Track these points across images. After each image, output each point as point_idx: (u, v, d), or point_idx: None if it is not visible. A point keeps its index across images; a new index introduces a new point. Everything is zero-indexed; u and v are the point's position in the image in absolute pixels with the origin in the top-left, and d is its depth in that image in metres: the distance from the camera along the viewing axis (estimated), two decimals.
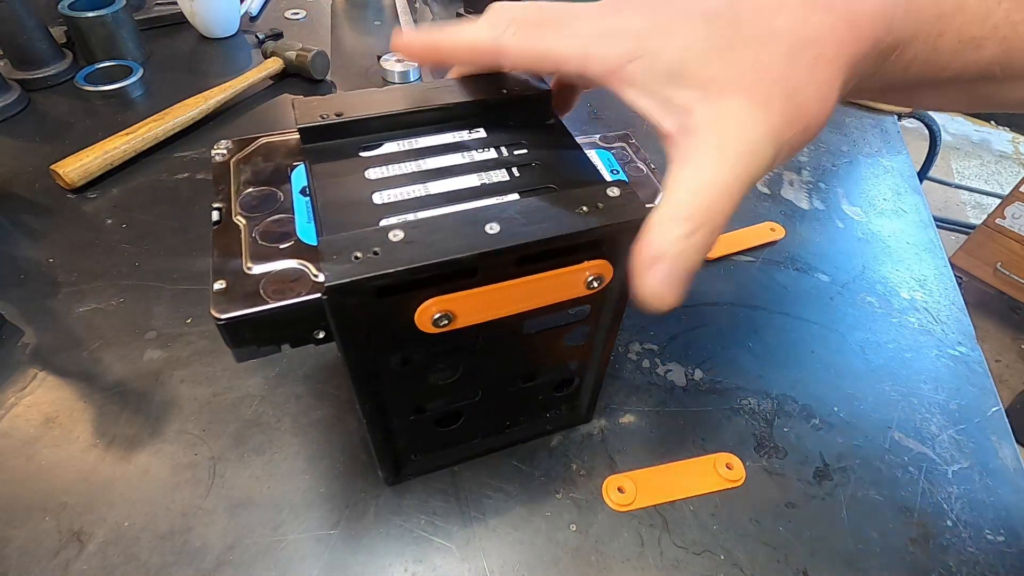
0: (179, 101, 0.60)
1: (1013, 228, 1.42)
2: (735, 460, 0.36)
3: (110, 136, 0.55)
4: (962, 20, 0.23)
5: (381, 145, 0.30)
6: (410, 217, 0.26)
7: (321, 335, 0.26)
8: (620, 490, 0.35)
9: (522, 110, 0.32)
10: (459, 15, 0.83)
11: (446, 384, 0.30)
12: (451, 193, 0.28)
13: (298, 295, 0.24)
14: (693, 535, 0.33)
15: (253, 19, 0.83)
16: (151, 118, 0.57)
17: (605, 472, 0.36)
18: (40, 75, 0.65)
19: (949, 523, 0.35)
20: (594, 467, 0.36)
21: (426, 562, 0.32)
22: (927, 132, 0.98)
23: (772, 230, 0.52)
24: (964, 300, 0.48)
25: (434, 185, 0.28)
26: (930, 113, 0.76)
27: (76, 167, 0.52)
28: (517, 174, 0.29)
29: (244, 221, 0.28)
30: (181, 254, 0.47)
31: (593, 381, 0.35)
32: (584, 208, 0.24)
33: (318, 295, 0.24)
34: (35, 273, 0.45)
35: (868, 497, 0.35)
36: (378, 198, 0.27)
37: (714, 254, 0.50)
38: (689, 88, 0.22)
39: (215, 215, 0.28)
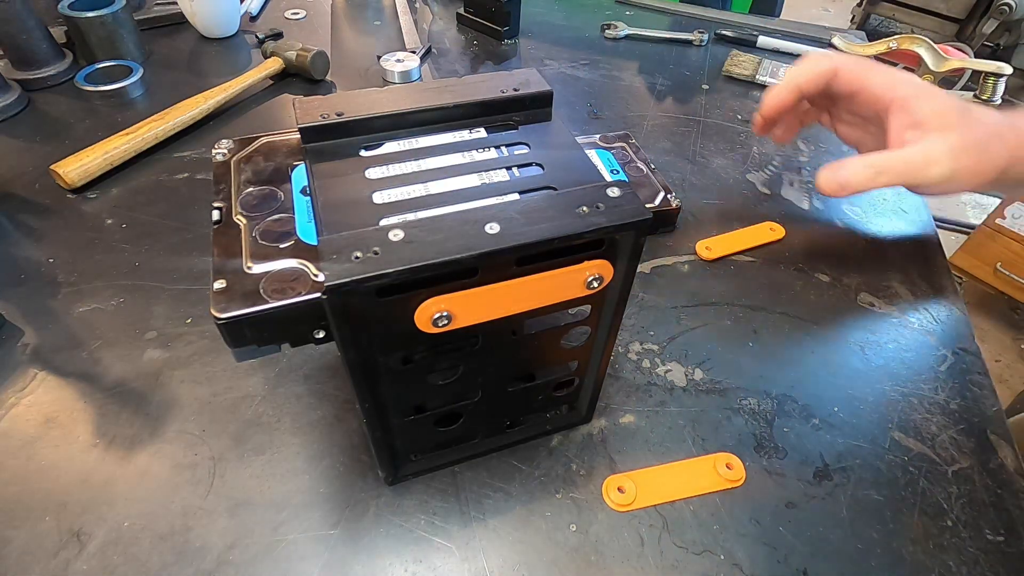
0: (179, 101, 0.60)
1: (1013, 228, 1.42)
2: (735, 460, 0.36)
3: (110, 136, 0.55)
4: None
5: (381, 145, 0.30)
6: (410, 217, 0.26)
7: (321, 335, 0.26)
8: (620, 490, 0.35)
9: (522, 110, 0.32)
10: (459, 15, 0.83)
11: (446, 384, 0.30)
12: (451, 193, 0.28)
13: (298, 295, 0.24)
14: (693, 535, 0.33)
15: (253, 19, 0.83)
16: (151, 118, 0.57)
17: (605, 472, 0.36)
18: (40, 75, 0.65)
19: (949, 523, 0.35)
20: (594, 467, 0.36)
21: (426, 562, 0.32)
22: None
23: (772, 230, 0.52)
24: (964, 300, 0.48)
25: (434, 185, 0.28)
26: None
27: (76, 167, 0.52)
28: (517, 174, 0.29)
29: (244, 220, 0.28)
30: (181, 254, 0.47)
31: (593, 381, 0.35)
32: (584, 208, 0.24)
33: (318, 295, 0.24)
34: (35, 273, 0.45)
35: (868, 497, 0.35)
36: (378, 198, 0.27)
37: (714, 254, 0.50)
38: (932, 122, 0.39)
39: (216, 214, 0.28)
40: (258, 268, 0.25)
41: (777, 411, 0.40)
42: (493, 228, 0.23)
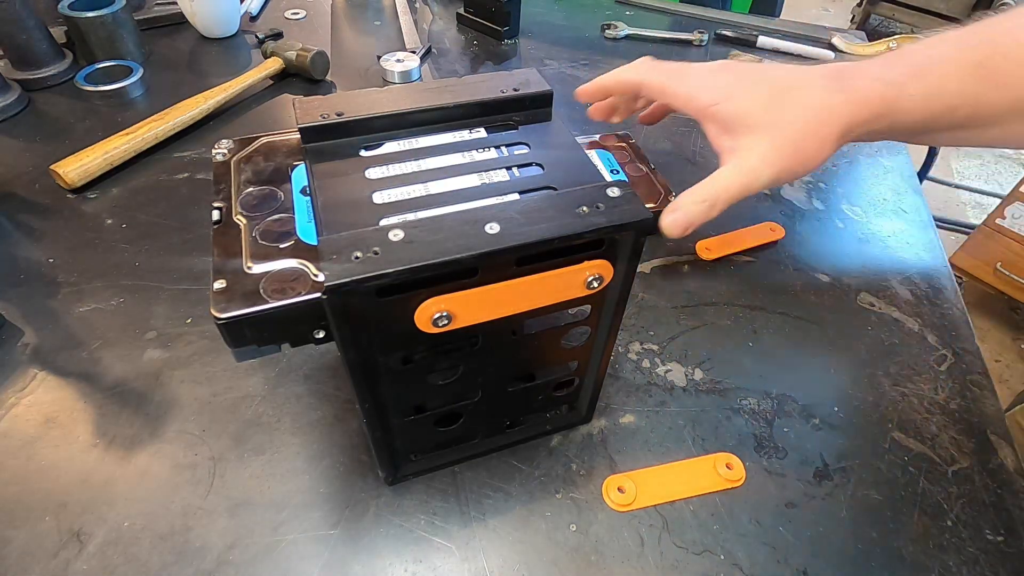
0: (179, 101, 0.60)
1: (1013, 228, 1.42)
2: (735, 460, 0.36)
3: (110, 136, 0.55)
4: (943, 101, 0.34)
5: (382, 145, 0.30)
6: (410, 217, 0.26)
7: (321, 334, 0.26)
8: (620, 490, 0.35)
9: (522, 110, 0.32)
10: (459, 15, 0.83)
11: (446, 384, 0.30)
12: (451, 193, 0.28)
13: (298, 294, 0.24)
14: (693, 535, 0.33)
15: (253, 19, 0.83)
16: (151, 118, 0.57)
17: (605, 472, 0.36)
18: (40, 75, 0.65)
19: (949, 523, 0.35)
20: (594, 467, 0.36)
21: (426, 562, 0.32)
22: None
23: (772, 230, 0.52)
24: (964, 300, 0.48)
25: (434, 185, 0.28)
26: None
27: (76, 167, 0.52)
28: (517, 174, 0.29)
29: (244, 220, 0.28)
30: (181, 254, 0.47)
31: (593, 381, 0.35)
32: (584, 208, 0.24)
33: (318, 295, 0.24)
34: (35, 273, 0.45)
35: (868, 497, 0.35)
36: (378, 198, 0.27)
37: (714, 254, 0.50)
38: (740, 127, 0.36)
39: (215, 214, 0.28)
40: (258, 268, 0.25)
41: (777, 411, 0.40)
42: (493, 228, 0.23)
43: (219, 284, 0.24)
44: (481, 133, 0.31)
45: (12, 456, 0.35)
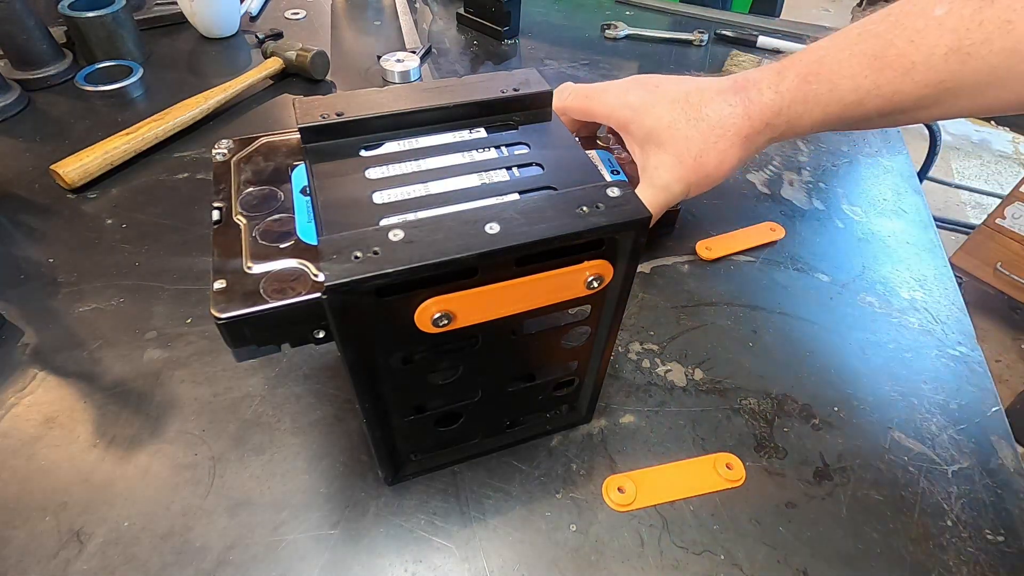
0: (179, 101, 0.60)
1: (1013, 228, 1.42)
2: (735, 460, 0.36)
3: (110, 136, 0.55)
4: (840, 97, 0.36)
5: (382, 145, 0.30)
6: (410, 217, 0.26)
7: (321, 334, 0.26)
8: (620, 490, 0.35)
9: (522, 110, 0.32)
10: (459, 15, 0.83)
11: (446, 384, 0.30)
12: (452, 193, 0.28)
13: (298, 294, 0.24)
14: (693, 535, 0.33)
15: (253, 19, 0.83)
16: (151, 118, 0.57)
17: (605, 472, 0.36)
18: (40, 75, 0.65)
19: (949, 523, 0.35)
20: (594, 467, 0.36)
21: (426, 562, 0.32)
22: (927, 132, 0.98)
23: (772, 230, 0.52)
24: (964, 300, 0.48)
25: (434, 185, 0.28)
26: None
27: (76, 167, 0.52)
28: (517, 174, 0.29)
29: (244, 220, 0.28)
30: (181, 254, 0.47)
31: (593, 381, 0.35)
32: (584, 208, 0.24)
33: (318, 295, 0.24)
34: (35, 273, 0.45)
35: (868, 497, 0.35)
36: (378, 197, 0.27)
37: (714, 254, 0.50)
38: (651, 144, 0.40)
39: (215, 214, 0.28)
40: (258, 268, 0.25)
41: (777, 411, 0.40)
42: (493, 228, 0.23)
43: (219, 284, 0.24)
44: (481, 133, 0.31)
45: (12, 456, 0.35)
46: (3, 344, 0.41)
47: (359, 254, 0.22)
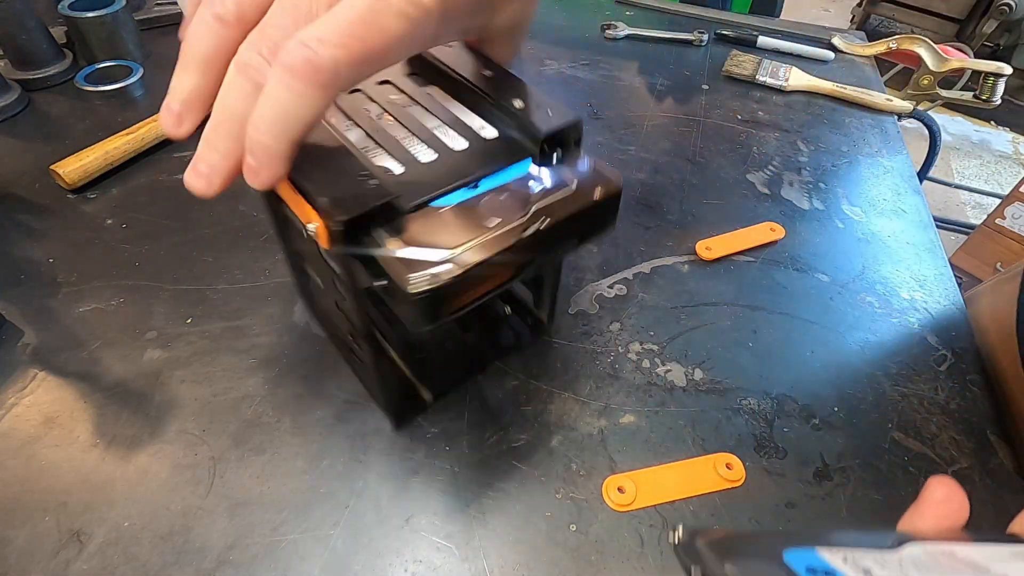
0: None
1: (1013, 228, 1.43)
2: (735, 460, 0.36)
3: (110, 136, 0.55)
4: None
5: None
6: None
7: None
8: (620, 490, 0.35)
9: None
10: None
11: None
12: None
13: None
14: None
15: None
16: (151, 118, 0.57)
17: (605, 472, 0.36)
18: (40, 75, 0.65)
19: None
20: (594, 467, 0.36)
21: (426, 562, 0.32)
22: (927, 132, 0.98)
23: (772, 230, 0.52)
24: (964, 300, 0.48)
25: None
26: (930, 113, 0.77)
27: (76, 167, 0.52)
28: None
29: None
30: (181, 254, 0.47)
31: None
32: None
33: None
34: (35, 273, 0.45)
35: (868, 497, 0.35)
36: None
37: (714, 254, 0.50)
38: None
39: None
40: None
41: (777, 411, 0.40)
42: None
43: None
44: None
45: (12, 456, 0.35)
46: (3, 344, 0.41)
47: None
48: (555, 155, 0.28)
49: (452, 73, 0.30)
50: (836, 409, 0.40)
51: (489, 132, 0.29)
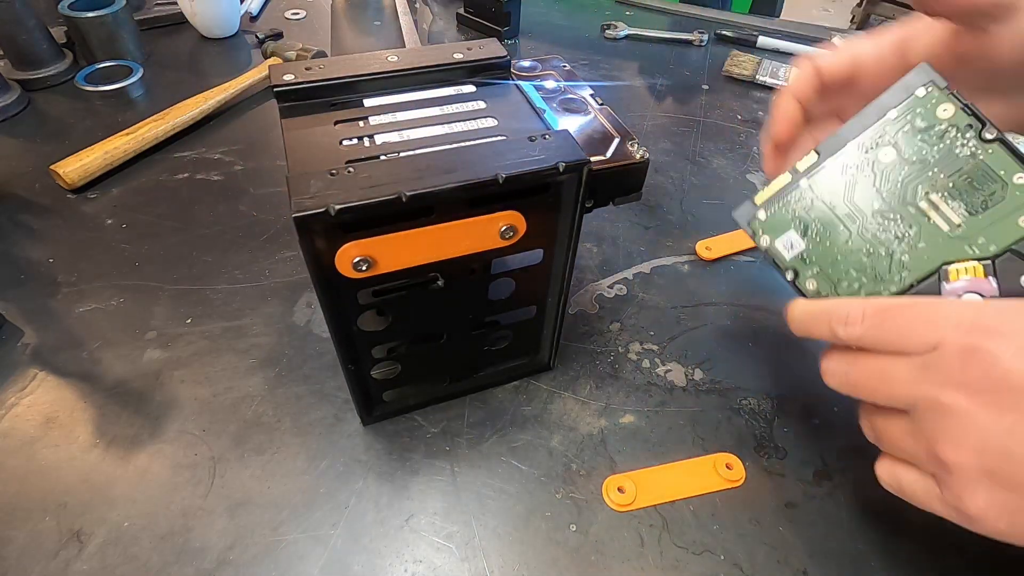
0: (179, 101, 0.60)
1: None
2: (735, 460, 0.36)
3: (110, 136, 0.55)
4: None
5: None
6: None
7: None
8: (620, 490, 0.35)
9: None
10: (459, 15, 0.83)
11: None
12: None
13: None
14: (693, 535, 0.33)
15: (253, 19, 0.83)
16: (151, 118, 0.57)
17: (605, 472, 0.36)
18: (40, 75, 0.65)
19: (949, 523, 0.35)
20: (594, 467, 0.36)
21: (426, 562, 0.32)
22: None
23: None
24: None
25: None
26: None
27: (76, 167, 0.52)
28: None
29: None
30: (181, 254, 0.47)
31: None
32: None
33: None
34: (35, 273, 0.45)
35: (868, 497, 0.35)
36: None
37: (714, 254, 0.50)
38: None
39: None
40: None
41: (777, 411, 0.40)
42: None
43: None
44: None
45: (12, 456, 0.35)
46: (3, 344, 0.41)
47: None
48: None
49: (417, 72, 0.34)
50: (836, 409, 0.40)
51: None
